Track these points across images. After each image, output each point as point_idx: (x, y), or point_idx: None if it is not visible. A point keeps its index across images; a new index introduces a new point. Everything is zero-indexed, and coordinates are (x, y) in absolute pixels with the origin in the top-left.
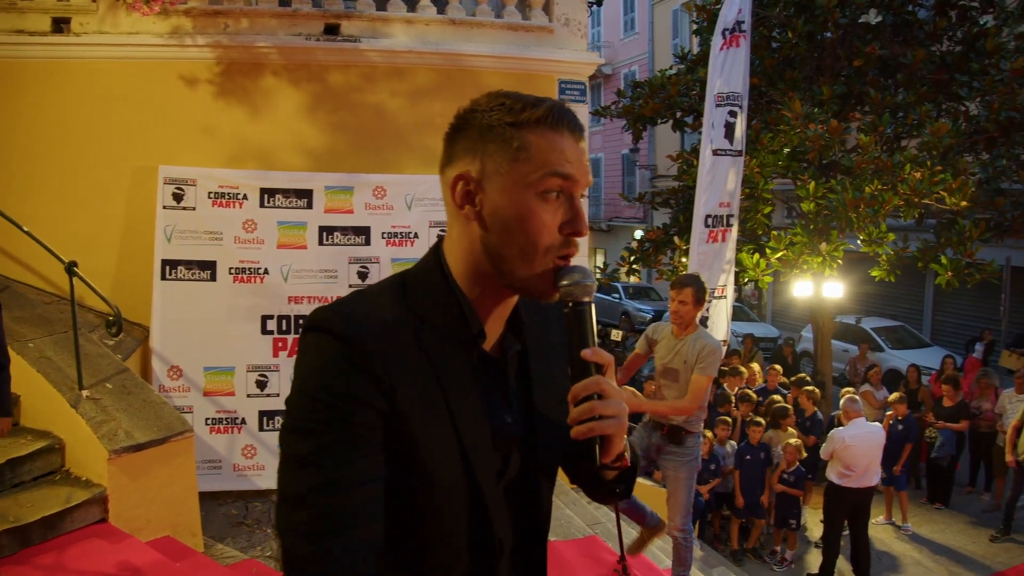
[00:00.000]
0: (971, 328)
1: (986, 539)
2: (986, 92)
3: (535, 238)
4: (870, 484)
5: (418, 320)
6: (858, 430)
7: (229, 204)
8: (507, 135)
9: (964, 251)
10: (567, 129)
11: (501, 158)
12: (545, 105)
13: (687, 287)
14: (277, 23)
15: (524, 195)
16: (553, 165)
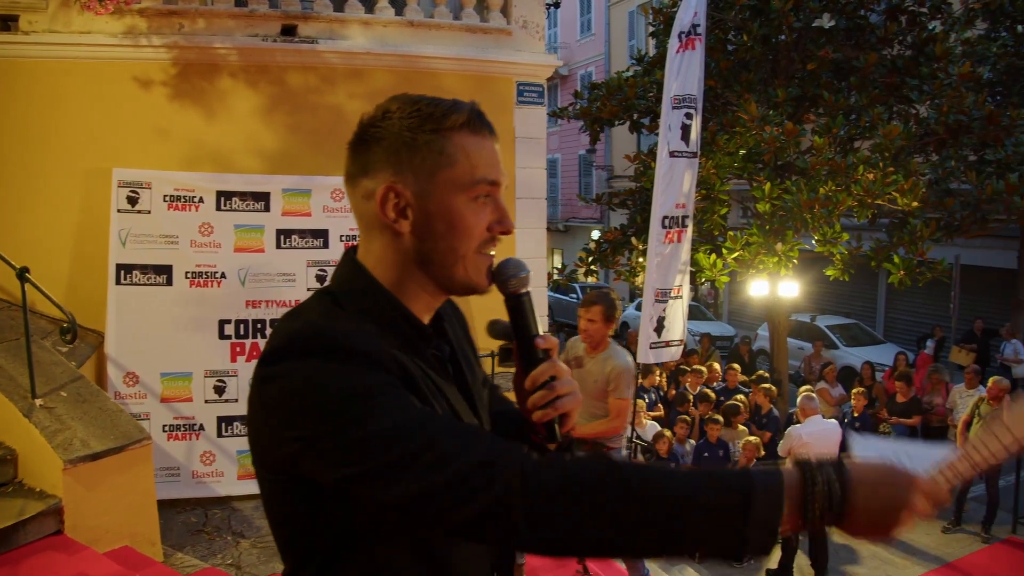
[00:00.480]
0: (923, 325)
1: (939, 531)
2: (935, 96)
3: (469, 241)
4: None
5: (377, 328)
6: (815, 427)
7: (185, 207)
8: (433, 143)
9: (915, 250)
10: (487, 131)
11: (430, 167)
12: (464, 109)
13: (596, 305)
14: (234, 24)
15: (456, 201)
16: (483, 172)
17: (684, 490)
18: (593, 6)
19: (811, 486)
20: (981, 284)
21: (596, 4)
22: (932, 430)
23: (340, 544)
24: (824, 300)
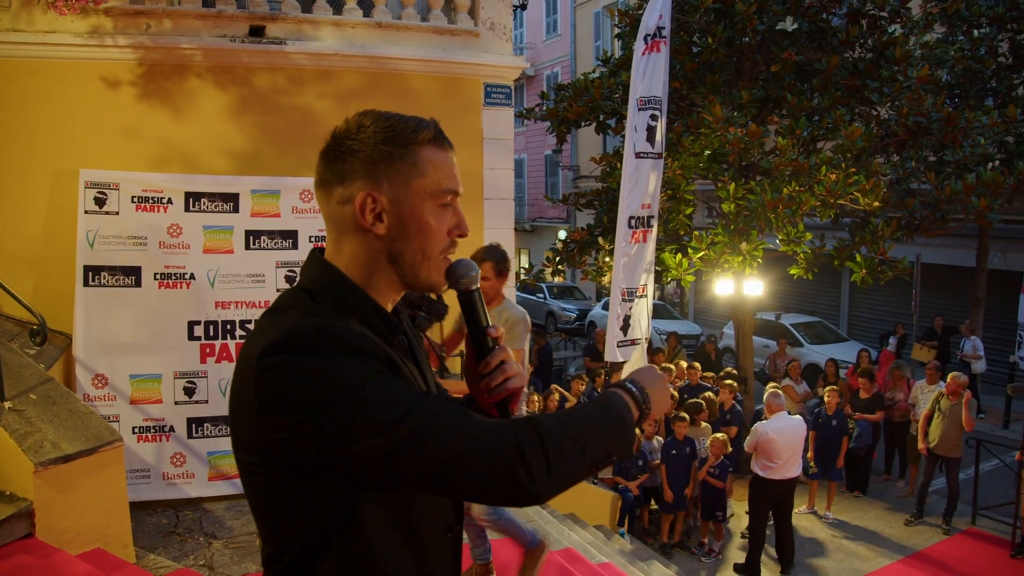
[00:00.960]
0: (885, 323)
1: (902, 523)
2: (895, 98)
3: (435, 243)
4: (792, 475)
5: (354, 322)
6: (780, 423)
7: (153, 208)
8: (406, 156)
9: (877, 249)
10: (448, 146)
11: (404, 177)
12: (430, 126)
13: (485, 261)
14: (201, 24)
15: (423, 208)
16: (447, 183)
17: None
18: (559, 7)
19: (636, 395)
20: (941, 282)
21: (562, 5)
22: (895, 425)
23: (321, 526)
24: (789, 299)
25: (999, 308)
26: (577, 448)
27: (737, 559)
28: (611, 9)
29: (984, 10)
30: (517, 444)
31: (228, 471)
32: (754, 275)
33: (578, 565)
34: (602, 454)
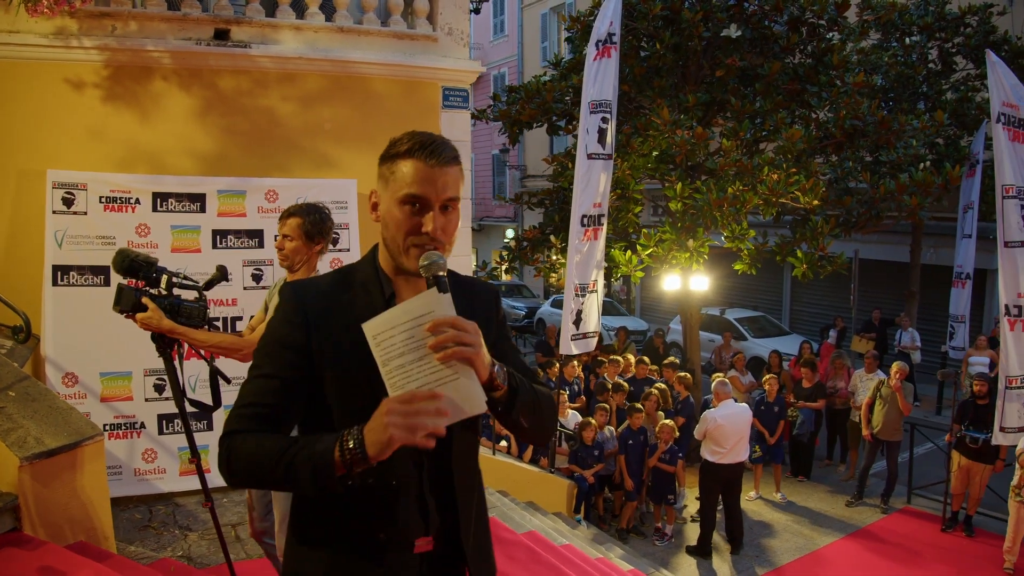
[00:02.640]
0: (824, 316)
1: (843, 504)
2: (834, 102)
3: (399, 236)
4: (740, 459)
5: (347, 288)
6: (728, 410)
7: (121, 208)
8: (390, 165)
9: (817, 245)
10: (425, 157)
11: (386, 180)
12: (412, 140)
13: (292, 217)
14: (166, 27)
15: (392, 206)
16: (405, 188)
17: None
18: (506, 8)
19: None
20: (878, 277)
21: (509, 6)
22: (835, 413)
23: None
24: (732, 294)
25: (931, 301)
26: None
27: (690, 542)
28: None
29: (915, 19)
30: (225, 432)
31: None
32: (700, 271)
33: (542, 546)
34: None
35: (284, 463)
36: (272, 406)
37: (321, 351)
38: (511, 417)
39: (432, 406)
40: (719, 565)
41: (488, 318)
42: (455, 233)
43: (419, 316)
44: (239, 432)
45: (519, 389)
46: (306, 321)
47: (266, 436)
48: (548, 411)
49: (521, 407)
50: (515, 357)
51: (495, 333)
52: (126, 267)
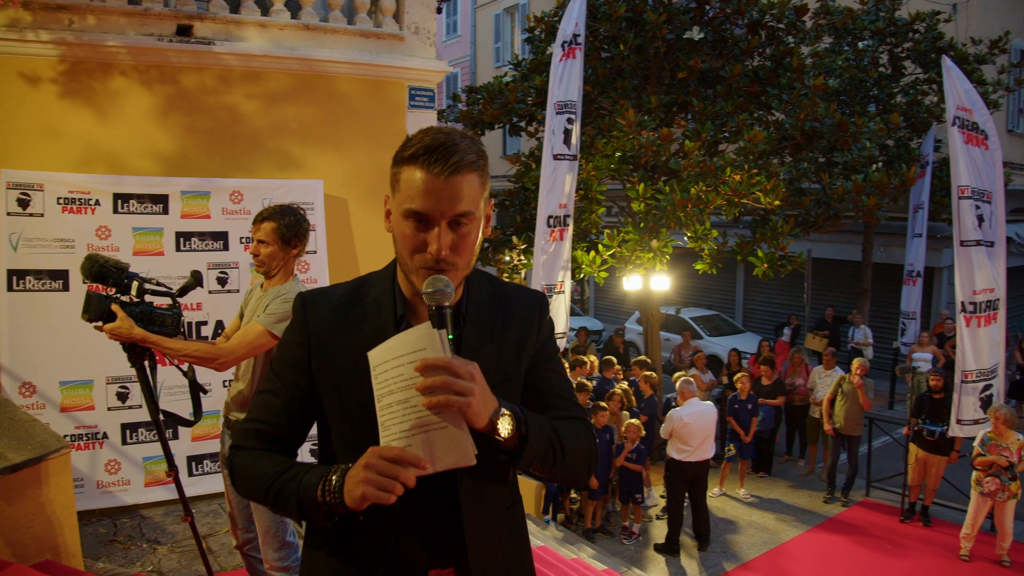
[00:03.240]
0: (777, 315)
1: (805, 498)
2: (794, 104)
3: (406, 255)
4: (707, 457)
5: (358, 304)
6: (694, 409)
7: (80, 210)
8: (396, 172)
9: (777, 245)
10: (428, 166)
11: (394, 189)
12: (419, 144)
13: (266, 221)
14: (126, 22)
15: (399, 220)
16: (407, 203)
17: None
18: (459, 8)
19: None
20: (830, 275)
21: (462, 6)
22: (795, 409)
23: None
24: (687, 294)
25: (882, 298)
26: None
27: (657, 540)
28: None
29: (867, 24)
30: (231, 445)
31: (164, 476)
32: (663, 271)
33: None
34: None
35: (274, 490)
36: (274, 424)
37: (320, 370)
38: (519, 468)
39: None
40: (687, 562)
41: (522, 338)
42: (474, 248)
43: (411, 352)
44: (243, 448)
45: (529, 437)
46: (307, 338)
47: (264, 456)
48: (575, 459)
49: (531, 458)
50: (554, 385)
51: (531, 357)
52: (95, 273)
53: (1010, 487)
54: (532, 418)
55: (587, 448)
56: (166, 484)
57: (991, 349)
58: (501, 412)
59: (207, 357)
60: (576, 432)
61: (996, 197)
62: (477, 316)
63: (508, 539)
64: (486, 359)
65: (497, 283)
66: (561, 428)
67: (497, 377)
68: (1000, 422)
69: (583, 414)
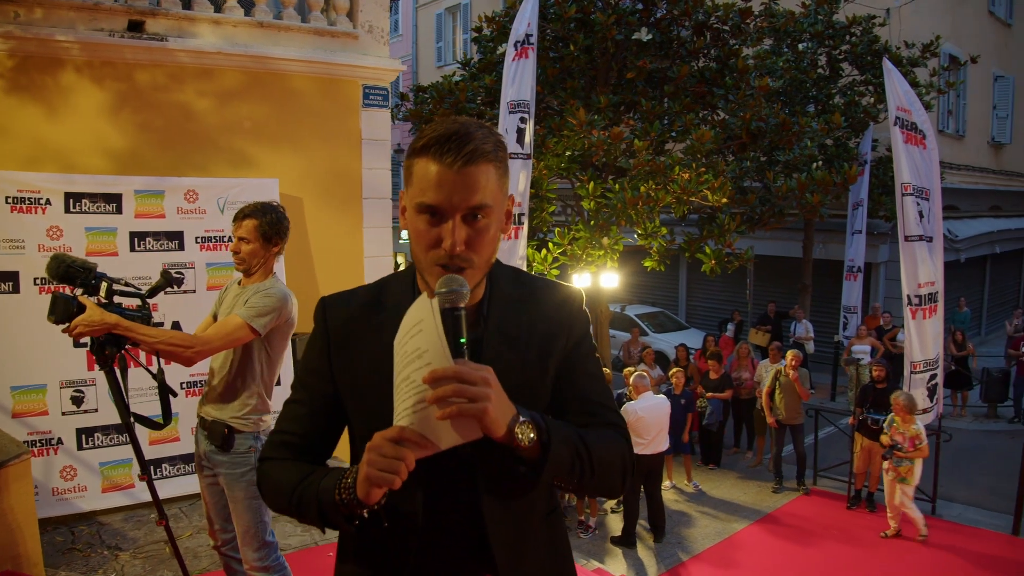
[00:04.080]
0: (720, 311)
1: (755, 489)
2: (739, 105)
3: (417, 249)
4: (660, 449)
5: (379, 309)
6: (647, 402)
7: (30, 210)
8: (408, 162)
9: (724, 242)
10: (439, 156)
11: (406, 183)
12: (432, 133)
13: (248, 219)
14: (76, 16)
15: (412, 214)
16: (419, 196)
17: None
18: (400, 7)
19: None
20: (772, 271)
21: (404, 6)
22: (741, 402)
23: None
24: (632, 291)
25: (823, 294)
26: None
27: (613, 533)
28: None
29: (806, 27)
30: (259, 458)
31: (122, 481)
32: (615, 268)
33: None
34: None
35: (296, 497)
36: (299, 434)
37: (342, 375)
38: (542, 480)
39: (414, 451)
40: (644, 554)
41: (550, 341)
42: (493, 245)
43: (411, 327)
44: (268, 459)
45: (551, 446)
46: (328, 344)
47: (289, 466)
48: (605, 469)
49: (554, 469)
50: (585, 390)
51: (561, 360)
52: (62, 273)
53: (899, 469)
54: (556, 426)
55: (620, 457)
56: (125, 489)
57: (934, 340)
58: (520, 420)
59: (183, 345)
60: (607, 440)
61: (933, 194)
62: (499, 318)
63: (546, 548)
64: (507, 365)
65: (524, 278)
66: (590, 437)
67: (520, 385)
68: (900, 409)
69: (618, 420)
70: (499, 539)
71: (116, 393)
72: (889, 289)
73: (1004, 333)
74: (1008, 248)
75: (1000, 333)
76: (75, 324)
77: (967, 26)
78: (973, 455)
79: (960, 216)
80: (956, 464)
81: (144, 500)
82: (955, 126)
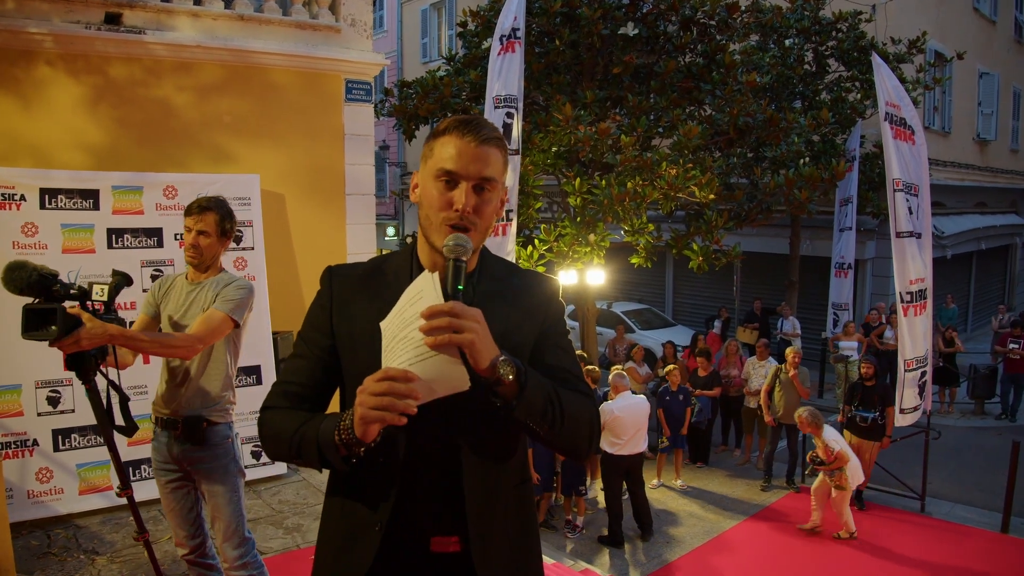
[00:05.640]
0: (706, 308)
1: (743, 487)
2: (727, 100)
3: (433, 212)
4: (639, 450)
5: (380, 274)
6: (626, 402)
7: (5, 206)
8: (429, 144)
9: (712, 238)
10: (461, 134)
11: (424, 160)
12: (453, 119)
13: (209, 212)
14: (50, 7)
15: (428, 183)
16: (441, 163)
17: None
18: (386, 3)
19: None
20: (758, 268)
21: (388, 1)
22: (730, 400)
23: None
24: (618, 288)
25: (810, 290)
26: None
27: (601, 533)
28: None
29: (792, 23)
30: (261, 407)
31: (100, 483)
32: (601, 264)
33: None
34: (291, 461)
35: (296, 441)
36: (301, 384)
37: (341, 331)
38: (516, 418)
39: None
40: (632, 553)
41: (531, 313)
42: (491, 219)
43: (411, 297)
44: (270, 408)
45: (527, 387)
46: (331, 302)
47: (290, 413)
48: (575, 422)
49: (528, 408)
50: (561, 360)
51: (539, 333)
52: (35, 282)
53: (833, 479)
54: (533, 373)
55: (589, 417)
56: (102, 491)
57: (924, 337)
58: (501, 358)
59: (178, 345)
60: (578, 400)
61: (922, 190)
62: (487, 286)
63: (515, 515)
64: (494, 316)
65: (512, 266)
66: (563, 392)
67: (504, 334)
68: (805, 425)
69: (587, 390)
70: (474, 498)
71: (99, 407)
72: (876, 286)
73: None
74: (993, 244)
75: (986, 329)
76: (77, 338)
77: (952, 23)
78: (961, 452)
79: (946, 212)
80: (944, 461)
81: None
82: (941, 123)
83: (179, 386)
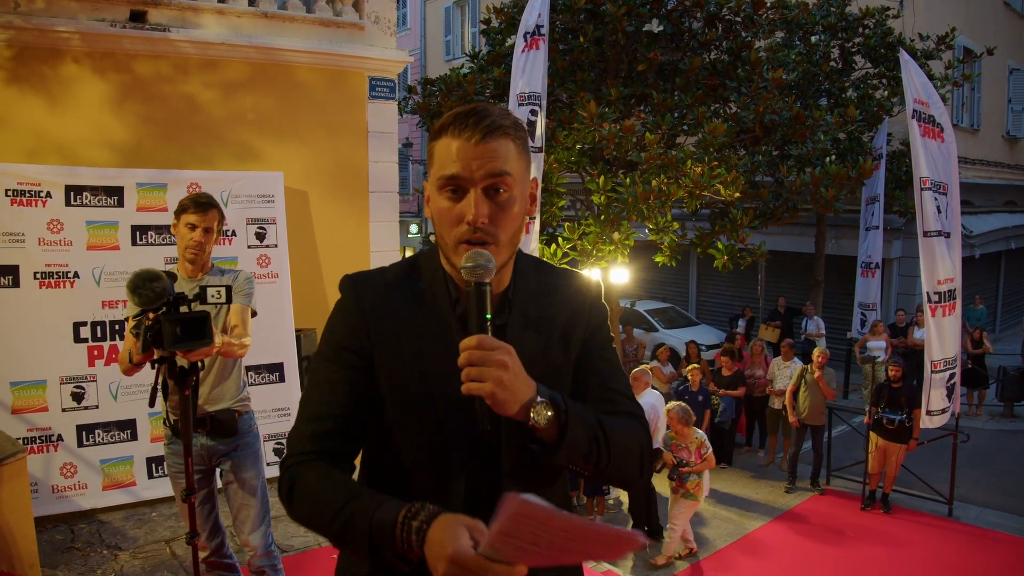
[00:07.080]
0: (730, 306)
1: (767, 489)
2: (753, 98)
3: (445, 231)
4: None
5: (412, 286)
6: (645, 400)
7: (31, 203)
8: (430, 147)
9: (737, 237)
10: (459, 131)
11: (428, 169)
12: (451, 114)
13: (212, 208)
14: (78, 6)
15: (434, 194)
16: (441, 169)
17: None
18: (409, 1)
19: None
20: (783, 267)
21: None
22: (754, 400)
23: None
24: (642, 287)
25: (835, 290)
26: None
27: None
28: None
29: (818, 19)
30: (289, 454)
31: (123, 479)
32: (625, 263)
33: None
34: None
35: (340, 521)
36: (334, 417)
37: (380, 359)
38: (558, 462)
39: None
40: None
41: (570, 327)
42: (516, 222)
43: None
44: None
45: (569, 428)
46: (364, 319)
47: (330, 476)
48: (623, 456)
49: (570, 452)
50: (605, 376)
51: (581, 346)
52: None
53: (686, 484)
54: (576, 410)
55: (638, 445)
56: (126, 487)
57: (953, 338)
58: (538, 400)
59: (246, 344)
60: (626, 428)
61: (952, 189)
62: (523, 304)
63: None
64: (531, 349)
65: (544, 268)
66: (609, 423)
67: (543, 368)
68: (675, 422)
69: (636, 409)
70: None
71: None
72: (902, 285)
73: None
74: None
75: (1015, 330)
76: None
77: (982, 18)
78: (990, 455)
79: (975, 212)
80: (973, 465)
81: (145, 498)
82: (969, 120)
83: (202, 384)
